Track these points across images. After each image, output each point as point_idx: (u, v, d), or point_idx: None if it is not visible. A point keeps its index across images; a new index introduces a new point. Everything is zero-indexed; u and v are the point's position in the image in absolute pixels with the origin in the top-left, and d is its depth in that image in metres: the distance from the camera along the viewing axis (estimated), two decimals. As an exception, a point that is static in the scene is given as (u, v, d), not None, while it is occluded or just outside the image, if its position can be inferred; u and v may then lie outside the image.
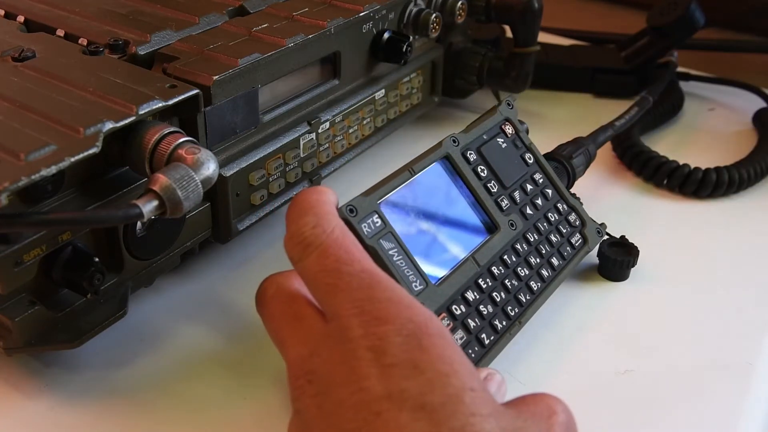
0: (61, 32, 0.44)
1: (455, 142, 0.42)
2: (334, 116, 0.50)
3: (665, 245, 0.50)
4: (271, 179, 0.46)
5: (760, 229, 0.53)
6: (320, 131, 0.49)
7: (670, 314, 0.45)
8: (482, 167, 0.43)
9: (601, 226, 0.47)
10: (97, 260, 0.36)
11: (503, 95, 0.66)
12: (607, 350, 0.42)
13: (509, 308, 0.40)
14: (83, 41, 0.43)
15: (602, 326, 0.44)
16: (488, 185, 0.43)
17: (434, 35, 0.55)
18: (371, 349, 0.29)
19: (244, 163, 0.44)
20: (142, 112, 0.36)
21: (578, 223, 0.46)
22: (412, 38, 0.52)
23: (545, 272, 0.43)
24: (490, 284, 0.40)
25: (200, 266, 0.48)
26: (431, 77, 0.60)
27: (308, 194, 0.34)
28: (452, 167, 0.42)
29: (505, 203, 0.43)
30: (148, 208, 0.33)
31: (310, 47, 0.46)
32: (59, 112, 0.35)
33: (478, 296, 0.39)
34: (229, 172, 0.43)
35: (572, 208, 0.47)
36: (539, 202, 0.45)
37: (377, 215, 0.37)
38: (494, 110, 0.46)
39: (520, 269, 0.42)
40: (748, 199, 0.57)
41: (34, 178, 0.31)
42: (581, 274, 0.48)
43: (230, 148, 0.43)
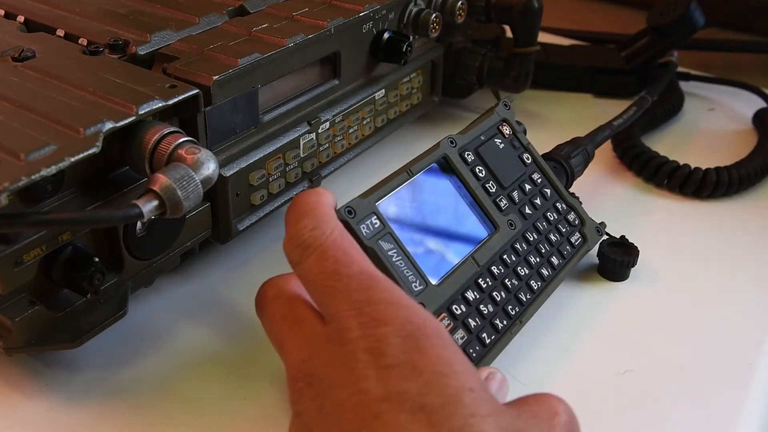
0: (61, 32, 0.44)
1: (453, 143, 0.42)
2: (334, 116, 0.50)
3: (665, 245, 0.50)
4: (271, 179, 0.46)
5: (760, 229, 0.53)
6: (320, 131, 0.49)
7: (670, 314, 0.45)
8: (480, 168, 0.43)
9: (600, 225, 0.47)
10: (97, 260, 0.36)
11: (503, 95, 0.66)
12: (607, 350, 0.42)
13: (509, 307, 0.40)
14: (83, 41, 0.43)
15: (602, 326, 0.44)
16: (486, 185, 0.43)
17: (434, 35, 0.55)
18: (369, 350, 0.29)
19: (244, 163, 0.44)
20: (142, 112, 0.36)
21: (577, 222, 0.46)
22: (412, 38, 0.52)
23: (545, 271, 0.43)
24: (490, 284, 0.40)
25: (200, 266, 0.48)
26: (431, 77, 0.60)
27: (307, 196, 0.34)
28: (450, 168, 0.42)
29: (503, 203, 0.43)
30: (148, 208, 0.33)
31: (310, 47, 0.46)
32: (59, 112, 0.35)
33: (478, 296, 0.39)
34: (229, 172, 0.43)
35: (571, 207, 0.47)
36: (538, 201, 0.45)
37: (375, 216, 0.37)
38: (491, 111, 0.46)
39: (519, 269, 0.42)
40: (748, 199, 0.57)
41: (34, 178, 0.31)
42: (581, 274, 0.48)
43: (230, 148, 0.43)
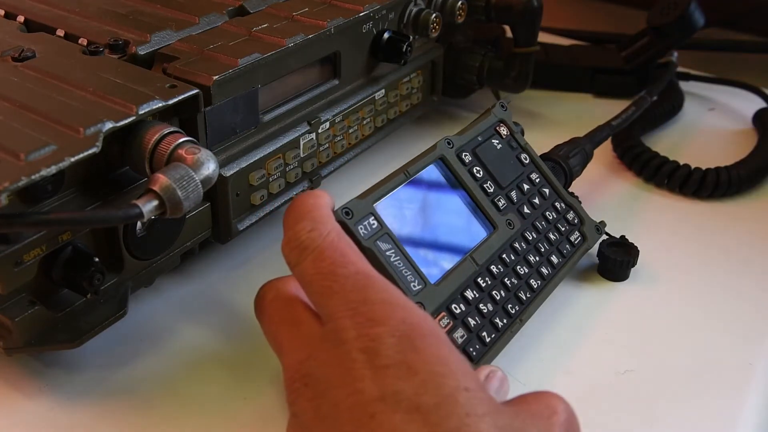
0: (61, 32, 0.44)
1: (450, 144, 0.42)
2: (334, 116, 0.50)
3: (665, 245, 0.50)
4: (271, 179, 0.46)
5: (760, 229, 0.53)
6: (320, 131, 0.49)
7: (670, 314, 0.45)
8: (478, 168, 0.43)
9: (600, 223, 0.47)
10: (97, 260, 0.36)
11: (503, 95, 0.66)
12: (607, 350, 0.42)
13: (509, 306, 0.40)
14: (83, 41, 0.43)
15: (602, 326, 0.44)
16: (484, 186, 0.43)
17: (434, 35, 0.55)
18: (365, 350, 0.29)
19: (244, 163, 0.44)
20: (142, 112, 0.36)
21: (576, 221, 0.46)
22: (412, 38, 0.52)
23: (545, 270, 0.43)
24: (489, 283, 0.40)
25: (200, 266, 0.48)
26: (431, 77, 0.60)
27: (304, 199, 0.34)
28: (447, 169, 0.42)
29: (501, 203, 0.43)
30: (148, 208, 0.33)
31: (310, 47, 0.46)
32: (59, 112, 0.35)
33: (477, 295, 0.39)
34: (229, 172, 0.43)
35: (570, 206, 0.47)
36: (536, 201, 0.45)
37: (373, 217, 0.37)
38: (488, 113, 0.46)
39: (519, 268, 0.42)
40: (748, 199, 0.57)
41: (34, 178, 0.31)
42: (581, 274, 0.48)
43: (230, 148, 0.43)
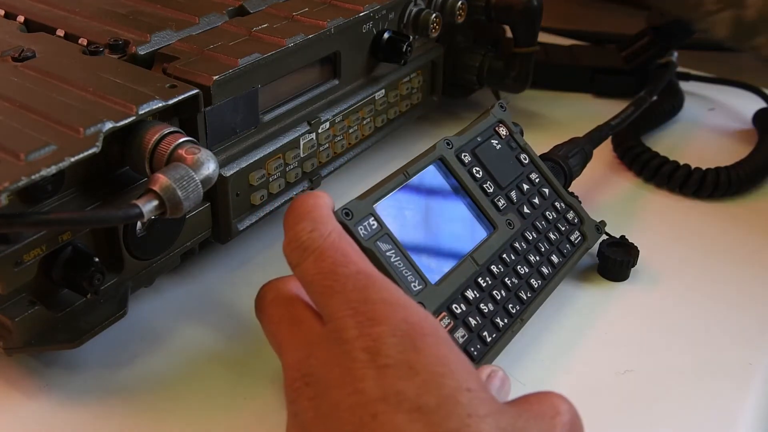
0: (61, 32, 0.44)
1: (449, 144, 0.42)
2: (334, 116, 0.50)
3: (665, 245, 0.50)
4: (271, 179, 0.46)
5: (760, 229, 0.53)
6: (320, 131, 0.49)
7: (670, 314, 0.45)
8: (477, 168, 0.43)
9: (600, 223, 0.47)
10: (97, 260, 0.36)
11: (503, 95, 0.66)
12: (607, 350, 0.42)
13: (510, 306, 0.40)
14: (83, 41, 0.43)
15: (602, 326, 0.44)
16: (484, 186, 0.43)
17: (434, 35, 0.55)
18: (366, 350, 0.29)
19: (244, 163, 0.44)
20: (142, 112, 0.36)
21: (576, 220, 0.46)
22: (412, 38, 0.52)
23: (545, 270, 0.43)
24: (489, 283, 0.40)
25: (200, 266, 0.48)
26: (431, 77, 0.60)
27: (304, 199, 0.34)
28: (447, 169, 0.42)
29: (501, 203, 0.43)
30: (148, 208, 0.33)
31: (310, 47, 0.46)
32: (59, 112, 0.35)
33: (478, 295, 0.39)
34: (229, 172, 0.43)
35: (570, 206, 0.47)
36: (536, 201, 0.45)
37: (373, 218, 0.37)
38: (487, 113, 0.46)
39: (519, 267, 0.42)
40: (748, 199, 0.57)
41: (34, 178, 0.31)
42: (581, 274, 0.48)
43: (230, 148, 0.43)
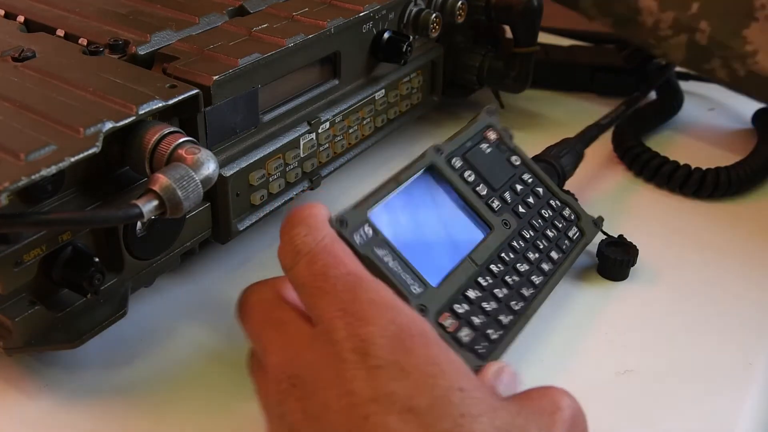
0: (61, 32, 0.44)
1: (439, 151, 0.43)
2: (334, 116, 0.50)
3: (665, 245, 0.50)
4: (271, 179, 0.46)
5: (759, 229, 0.53)
6: (320, 131, 0.49)
7: (670, 314, 0.45)
8: (469, 172, 0.43)
9: (598, 219, 0.47)
10: (97, 260, 0.36)
11: (503, 95, 0.66)
12: (606, 350, 0.42)
13: (513, 303, 0.40)
14: (83, 41, 0.43)
15: (602, 326, 0.44)
16: (477, 189, 0.43)
17: (434, 35, 0.55)
18: (355, 350, 0.29)
19: (244, 163, 0.44)
20: (142, 112, 0.36)
21: (573, 217, 0.46)
22: (412, 38, 0.52)
23: (545, 266, 0.43)
24: (490, 281, 0.40)
25: (200, 266, 0.48)
26: (431, 77, 0.60)
27: (301, 209, 0.34)
28: (438, 175, 0.42)
29: (496, 204, 0.43)
30: (148, 208, 0.33)
31: (310, 47, 0.46)
32: (59, 112, 0.35)
33: (480, 294, 0.39)
34: (229, 172, 0.43)
35: (565, 203, 0.47)
36: (531, 200, 0.45)
37: (368, 225, 0.37)
38: (475, 119, 0.46)
39: (519, 265, 0.42)
40: (748, 199, 0.57)
41: (34, 178, 0.31)
42: (580, 273, 0.48)
43: (230, 148, 0.43)
